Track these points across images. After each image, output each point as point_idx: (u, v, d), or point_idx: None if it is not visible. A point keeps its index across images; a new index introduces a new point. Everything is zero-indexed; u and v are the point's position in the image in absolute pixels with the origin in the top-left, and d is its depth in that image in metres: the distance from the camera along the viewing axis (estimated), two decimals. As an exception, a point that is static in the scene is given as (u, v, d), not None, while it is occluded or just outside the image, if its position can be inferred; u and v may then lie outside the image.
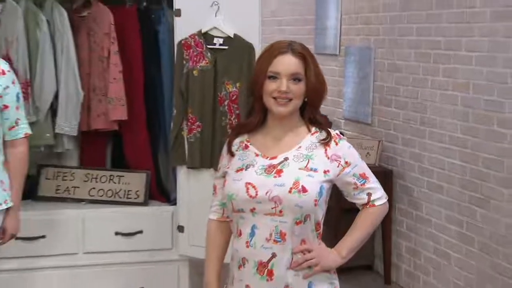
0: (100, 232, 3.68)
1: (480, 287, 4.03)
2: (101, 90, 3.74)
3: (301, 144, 2.17)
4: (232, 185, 2.17)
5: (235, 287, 2.22)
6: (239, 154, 2.23)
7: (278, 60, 2.10)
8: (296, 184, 2.08)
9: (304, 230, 2.14)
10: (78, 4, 3.77)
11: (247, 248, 2.14)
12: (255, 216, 2.12)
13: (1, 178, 2.95)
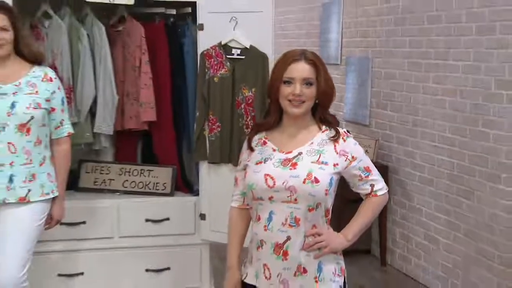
0: (133, 219, 3.70)
1: (466, 268, 4.07)
2: (133, 95, 3.75)
3: (313, 141, 2.19)
4: (253, 176, 2.19)
5: (254, 266, 2.23)
6: (258, 149, 2.25)
7: (293, 67, 2.13)
8: (309, 176, 2.10)
9: (316, 216, 2.16)
10: (114, 20, 3.79)
11: (265, 232, 2.16)
12: (272, 203, 2.14)
13: (48, 171, 2.98)
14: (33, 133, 2.91)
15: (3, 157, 2.86)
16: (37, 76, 2.95)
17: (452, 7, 4.14)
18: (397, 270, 4.80)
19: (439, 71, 4.28)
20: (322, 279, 2.18)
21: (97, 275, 3.70)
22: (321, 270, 2.19)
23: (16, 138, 2.86)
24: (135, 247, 3.74)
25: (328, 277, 2.20)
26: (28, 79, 2.92)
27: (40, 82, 2.94)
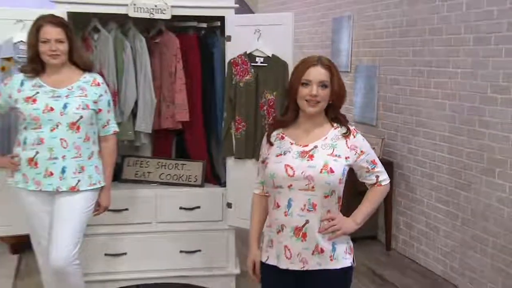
0: (168, 207, 3.73)
1: (463, 253, 4.09)
2: (169, 98, 3.77)
3: (327, 136, 2.22)
4: (273, 166, 2.22)
5: (275, 248, 2.25)
6: (277, 143, 2.27)
7: (310, 70, 2.16)
8: (325, 166, 2.14)
9: (330, 203, 2.20)
10: (153, 33, 3.82)
11: (285, 217, 2.19)
12: (291, 191, 2.17)
13: (96, 164, 3.04)
14: (82, 131, 2.95)
15: (57, 151, 2.90)
16: (87, 81, 3.01)
17: (452, 21, 4.16)
18: (401, 254, 4.82)
19: (440, 77, 4.29)
20: (336, 257, 2.22)
21: (138, 255, 3.74)
22: (335, 249, 2.22)
23: (67, 134, 2.91)
24: (171, 231, 3.77)
25: (341, 255, 2.24)
26: (79, 84, 2.98)
27: (89, 86, 3.00)
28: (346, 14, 5.66)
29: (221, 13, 3.62)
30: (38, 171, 2.92)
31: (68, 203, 2.98)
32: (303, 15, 6.40)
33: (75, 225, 2.98)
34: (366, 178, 2.33)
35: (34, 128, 2.91)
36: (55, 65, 2.93)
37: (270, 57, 3.46)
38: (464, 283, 4.11)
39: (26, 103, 2.90)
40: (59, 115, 2.90)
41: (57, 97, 2.92)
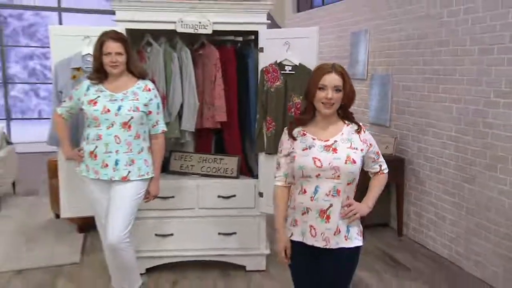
0: (208, 195, 3.79)
1: (467, 239, 4.08)
2: (210, 102, 3.83)
3: (343, 132, 2.28)
4: (302, 159, 2.25)
5: (300, 227, 2.30)
6: (300, 139, 2.31)
7: (326, 77, 2.20)
8: (348, 158, 2.20)
9: (350, 189, 2.27)
10: (197, 46, 3.89)
11: (311, 201, 2.24)
12: (318, 179, 2.22)
13: (145, 158, 3.12)
14: (133, 129, 3.04)
15: (111, 146, 3.00)
16: (140, 87, 3.09)
17: (458, 34, 4.14)
18: (411, 240, 4.81)
19: (447, 83, 4.28)
20: (350, 237, 2.28)
21: (183, 236, 3.82)
22: (349, 231, 2.28)
23: (120, 132, 3.00)
24: (210, 216, 3.83)
25: (354, 236, 2.30)
26: (133, 90, 3.07)
27: (141, 91, 3.08)
28: (363, 29, 5.66)
29: (255, 28, 3.68)
30: (97, 162, 3.03)
31: (120, 191, 3.07)
32: (325, 30, 6.41)
33: (125, 210, 3.07)
34: (371, 167, 2.40)
35: (94, 126, 3.02)
36: (115, 74, 3.02)
37: (297, 65, 3.50)
38: (469, 265, 4.10)
39: (89, 105, 3.01)
40: (114, 116, 2.99)
41: (113, 101, 3.01)
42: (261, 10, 3.66)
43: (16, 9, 8.12)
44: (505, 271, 3.73)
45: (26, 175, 6.93)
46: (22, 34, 8.24)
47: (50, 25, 3.84)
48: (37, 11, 8.24)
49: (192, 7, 3.59)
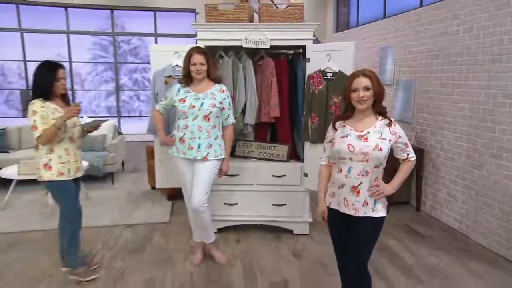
0: (264, 174, 3.79)
1: (475, 214, 3.86)
2: (266, 101, 3.80)
3: (376, 125, 2.21)
4: (339, 144, 2.22)
5: (336, 198, 2.28)
6: (340, 129, 2.27)
7: (356, 80, 2.17)
8: (377, 146, 2.14)
9: (377, 171, 2.20)
10: (257, 58, 3.86)
11: (346, 178, 2.21)
12: (351, 161, 2.19)
13: (219, 143, 3.13)
14: (211, 121, 3.06)
15: (195, 133, 3.04)
16: (216, 89, 3.11)
17: (472, 47, 3.90)
18: (427, 214, 4.61)
19: (461, 88, 4.05)
20: (376, 209, 2.22)
21: (245, 205, 3.84)
22: (376, 203, 2.23)
23: (202, 123, 3.04)
24: (266, 190, 3.83)
25: (379, 208, 2.23)
26: (212, 91, 3.09)
27: (218, 92, 3.10)
28: (390, 44, 5.45)
29: (303, 43, 3.62)
30: (185, 145, 3.08)
31: (201, 167, 3.11)
32: (359, 46, 6.25)
33: (205, 181, 3.11)
34: (399, 155, 2.30)
35: (183, 118, 3.07)
36: (199, 79, 3.07)
37: (337, 72, 3.44)
38: (476, 236, 3.88)
39: (180, 102, 3.07)
40: (198, 110, 3.03)
41: (197, 99, 3.06)
42: (308, 29, 3.60)
43: (126, 36, 8.41)
44: (507, 240, 3.52)
45: (131, 157, 7.24)
46: (129, 54, 8.55)
47: (150, 45, 3.94)
48: (139, 37, 8.50)
49: (255, 28, 3.58)
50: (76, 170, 2.96)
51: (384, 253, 3.59)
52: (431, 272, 3.27)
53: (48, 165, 2.82)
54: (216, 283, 3.07)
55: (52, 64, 2.80)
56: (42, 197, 4.97)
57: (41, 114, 2.72)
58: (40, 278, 3.13)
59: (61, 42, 7.94)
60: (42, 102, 2.76)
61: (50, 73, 2.78)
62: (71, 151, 2.91)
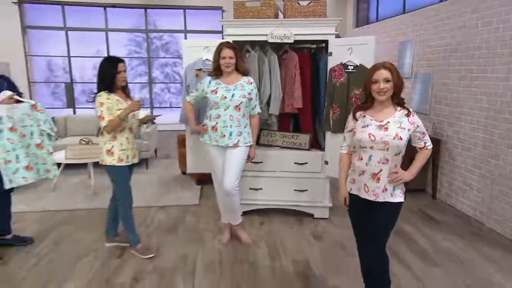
0: (287, 161, 3.79)
1: (490, 202, 3.76)
2: (290, 93, 3.77)
3: (395, 115, 2.17)
4: (360, 134, 2.20)
5: (357, 184, 2.26)
6: (361, 119, 2.24)
7: (377, 73, 2.13)
8: (396, 135, 2.11)
9: (397, 159, 2.17)
10: (281, 52, 3.84)
11: (366, 166, 2.19)
12: (372, 150, 2.16)
13: (248, 131, 3.15)
14: (241, 110, 3.07)
15: (227, 122, 3.06)
16: (245, 81, 3.11)
17: (491, 41, 3.76)
18: (443, 202, 4.52)
19: (480, 80, 3.92)
20: (395, 195, 2.20)
21: (268, 190, 3.85)
22: (394, 189, 2.20)
23: (233, 112, 3.05)
24: (288, 177, 3.83)
25: (398, 194, 2.21)
26: (241, 83, 3.09)
27: (246, 84, 3.10)
28: (409, 39, 5.31)
29: (325, 38, 3.58)
30: (217, 134, 3.10)
31: (233, 154, 3.13)
32: (379, 40, 6.11)
33: (237, 167, 3.14)
34: (417, 143, 2.27)
35: (215, 108, 3.09)
36: (228, 72, 3.07)
37: (358, 65, 3.39)
38: (490, 222, 3.78)
39: (211, 94, 3.09)
40: (229, 101, 3.04)
41: (228, 90, 3.07)
42: (330, 24, 3.55)
43: (158, 32, 8.49)
44: (522, 229, 3.40)
45: (163, 145, 7.37)
46: (161, 49, 8.63)
47: (181, 41, 3.96)
48: (170, 33, 8.56)
49: (280, 23, 3.55)
50: (133, 157, 3.04)
51: (401, 237, 3.55)
52: (446, 256, 3.22)
53: (110, 151, 2.92)
54: (243, 261, 3.12)
55: (113, 59, 2.87)
56: (86, 180, 5.16)
57: (107, 106, 2.81)
58: (86, 252, 3.26)
59: (100, 39, 8.10)
60: (108, 94, 2.86)
61: (112, 67, 2.85)
62: (130, 139, 3.01)
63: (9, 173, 2.90)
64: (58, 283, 2.81)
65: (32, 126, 2.98)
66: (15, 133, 2.88)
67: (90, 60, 8.14)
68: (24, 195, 4.61)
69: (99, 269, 2.99)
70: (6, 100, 2.85)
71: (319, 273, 2.94)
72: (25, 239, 3.38)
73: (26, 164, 2.96)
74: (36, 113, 2.99)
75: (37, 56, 7.91)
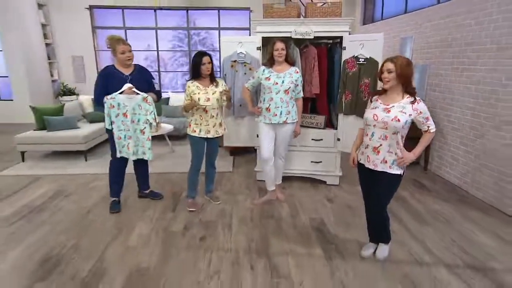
0: (306, 138, 3.76)
1: (474, 173, 3.69)
2: (309, 81, 3.68)
3: (401, 102, 2.13)
4: (368, 114, 2.21)
5: (363, 155, 2.27)
6: (374, 102, 2.23)
7: (384, 65, 2.11)
8: (395, 117, 2.09)
9: (395, 137, 2.14)
10: (302, 46, 3.73)
11: (369, 141, 2.20)
12: (374, 128, 2.17)
13: (295, 110, 3.12)
14: (290, 94, 3.04)
15: (278, 103, 3.04)
16: (292, 70, 3.04)
17: (482, 37, 3.58)
18: (433, 173, 4.44)
19: (470, 72, 3.76)
20: (393, 167, 2.19)
21: (290, 161, 3.84)
22: (393, 163, 2.18)
23: (283, 95, 3.02)
24: (307, 151, 3.82)
25: (396, 167, 2.19)
26: (289, 72, 3.03)
27: (294, 73, 3.06)
28: (409, 35, 5.09)
29: (340, 34, 3.48)
30: (270, 114, 3.09)
31: (283, 130, 3.14)
32: (384, 36, 5.87)
33: (286, 141, 3.18)
34: (421, 127, 2.22)
35: (268, 93, 3.07)
36: (279, 61, 3.05)
37: (368, 58, 3.31)
38: (473, 191, 3.72)
39: (265, 80, 3.06)
40: (280, 86, 3.02)
41: (279, 77, 3.04)
42: (345, 23, 3.44)
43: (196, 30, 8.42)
44: (500, 194, 3.36)
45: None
46: (199, 43, 8.56)
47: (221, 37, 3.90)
48: (206, 30, 8.46)
49: (302, 22, 3.46)
50: (206, 132, 3.05)
51: (398, 201, 3.55)
52: (435, 216, 3.21)
53: (189, 124, 3.08)
54: (269, 217, 3.19)
55: (200, 53, 2.93)
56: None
57: (189, 91, 2.97)
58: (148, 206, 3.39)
59: (150, 36, 8.10)
60: (191, 82, 2.98)
61: (198, 59, 2.93)
62: (204, 118, 3.04)
63: (119, 146, 3.02)
64: (129, 229, 2.95)
65: (140, 115, 2.99)
66: (127, 118, 2.95)
67: (143, 53, 8.18)
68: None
69: (158, 220, 3.12)
70: (127, 90, 2.88)
71: (332, 228, 2.99)
72: (158, 194, 3.53)
73: (128, 143, 3.02)
74: (145, 104, 2.99)
75: (103, 51, 8.04)
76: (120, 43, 2.86)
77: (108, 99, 2.86)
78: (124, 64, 2.92)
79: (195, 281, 2.28)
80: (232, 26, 8.12)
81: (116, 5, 7.66)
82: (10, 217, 3.12)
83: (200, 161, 3.15)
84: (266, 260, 2.51)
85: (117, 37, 2.88)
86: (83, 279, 2.29)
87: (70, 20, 7.63)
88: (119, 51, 2.86)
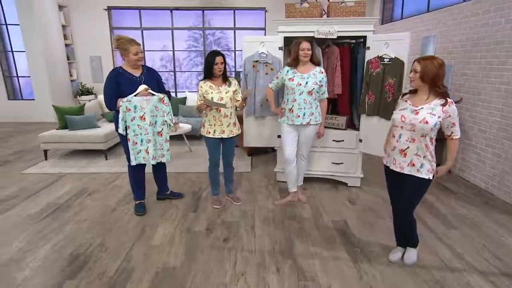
0: (327, 139, 3.72)
1: (501, 177, 3.58)
2: (331, 81, 3.63)
3: (431, 103, 2.09)
4: (396, 115, 2.18)
5: (390, 158, 2.23)
6: (402, 103, 2.19)
7: (412, 65, 2.09)
8: (423, 119, 2.05)
9: (423, 140, 2.10)
10: (325, 46, 3.72)
11: (397, 142, 2.16)
12: (402, 129, 2.13)
13: (319, 112, 3.09)
14: (313, 95, 3.03)
15: (301, 105, 3.01)
16: (317, 71, 3.02)
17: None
18: (458, 176, 4.34)
19: (499, 71, 3.66)
20: (421, 171, 2.14)
21: (311, 162, 3.81)
22: (422, 166, 2.14)
23: (307, 97, 3.01)
24: (328, 151, 3.78)
25: (424, 171, 2.14)
26: (313, 72, 3.03)
27: (318, 73, 3.05)
28: (432, 34, 4.99)
29: (364, 34, 3.44)
30: (293, 115, 3.08)
31: (306, 131, 3.14)
32: (402, 36, 5.78)
33: (309, 142, 3.18)
34: (445, 130, 2.17)
35: (291, 94, 3.06)
36: (304, 61, 3.02)
37: (393, 58, 3.25)
38: (500, 194, 3.63)
39: (289, 81, 3.05)
40: (303, 87, 3.00)
41: (303, 78, 3.02)
42: (369, 22, 3.40)
43: (212, 30, 8.48)
44: (532, 201, 3.24)
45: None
46: (214, 43, 8.60)
47: (243, 37, 3.89)
48: (221, 30, 8.49)
49: (325, 22, 3.43)
50: (221, 132, 3.04)
51: (423, 204, 3.48)
52: (462, 220, 3.14)
53: (203, 124, 3.08)
54: (292, 218, 3.17)
55: (213, 52, 2.91)
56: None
57: (202, 91, 2.97)
58: (170, 206, 3.41)
59: (166, 36, 8.17)
60: (203, 82, 2.98)
61: (211, 58, 2.93)
62: (217, 118, 3.03)
63: (134, 152, 2.92)
64: (152, 229, 2.98)
65: (157, 116, 2.91)
66: (144, 121, 2.84)
67: (158, 53, 8.26)
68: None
69: (181, 220, 3.14)
70: (142, 92, 2.78)
71: (355, 231, 2.96)
72: (178, 194, 3.55)
73: (146, 147, 2.92)
74: (162, 105, 2.90)
75: (119, 51, 8.18)
76: (133, 43, 2.74)
77: (123, 102, 2.74)
78: (135, 65, 2.79)
79: (221, 283, 2.28)
80: (248, 26, 8.14)
81: (133, 6, 7.77)
82: (37, 215, 3.18)
83: (215, 159, 3.15)
84: (291, 262, 2.50)
85: (128, 37, 2.76)
86: (111, 278, 2.32)
87: (89, 21, 7.78)
88: (132, 51, 2.73)
